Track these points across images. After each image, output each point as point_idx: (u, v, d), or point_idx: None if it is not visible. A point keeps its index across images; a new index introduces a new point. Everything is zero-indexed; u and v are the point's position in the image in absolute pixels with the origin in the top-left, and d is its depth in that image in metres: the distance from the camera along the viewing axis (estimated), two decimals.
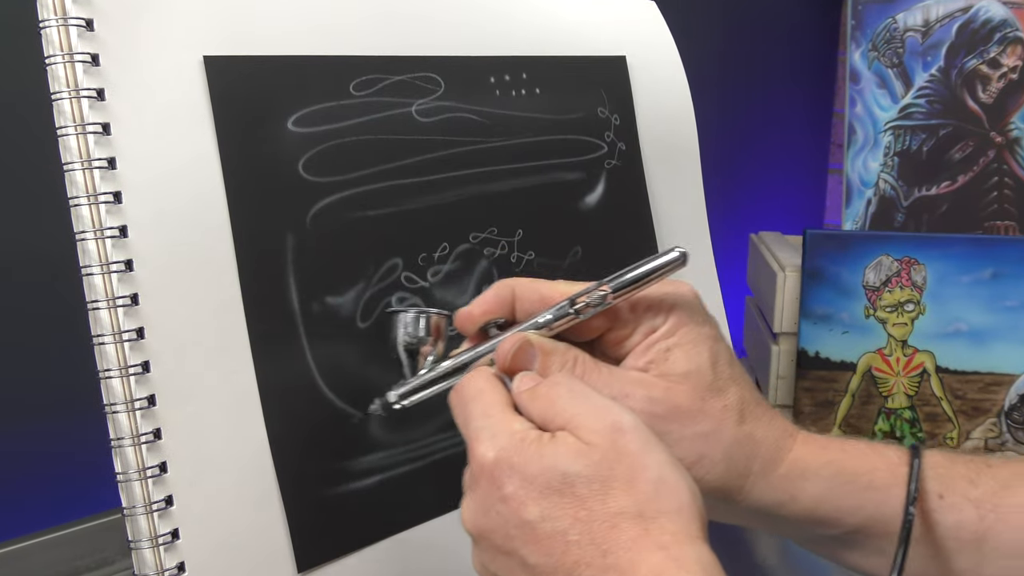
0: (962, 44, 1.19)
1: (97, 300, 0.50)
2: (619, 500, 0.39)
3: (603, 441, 0.40)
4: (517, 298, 0.50)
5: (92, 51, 0.51)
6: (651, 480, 0.39)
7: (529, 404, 0.44)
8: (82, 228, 0.50)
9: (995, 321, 0.90)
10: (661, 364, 0.48)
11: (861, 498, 0.49)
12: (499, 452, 0.41)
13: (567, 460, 0.40)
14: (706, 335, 0.49)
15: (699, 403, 0.48)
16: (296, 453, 0.55)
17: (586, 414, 0.42)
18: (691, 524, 0.39)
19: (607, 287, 0.47)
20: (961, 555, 0.49)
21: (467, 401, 0.45)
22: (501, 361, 0.48)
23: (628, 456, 0.40)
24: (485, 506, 0.42)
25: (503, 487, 0.41)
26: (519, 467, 0.41)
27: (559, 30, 0.74)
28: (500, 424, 0.43)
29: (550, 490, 0.40)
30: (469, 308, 0.50)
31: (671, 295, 0.49)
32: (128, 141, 0.51)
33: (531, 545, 0.40)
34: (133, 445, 0.50)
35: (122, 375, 0.50)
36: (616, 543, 0.38)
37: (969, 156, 1.18)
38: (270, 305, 0.55)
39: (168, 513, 0.51)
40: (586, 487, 0.39)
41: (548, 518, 0.39)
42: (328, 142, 0.58)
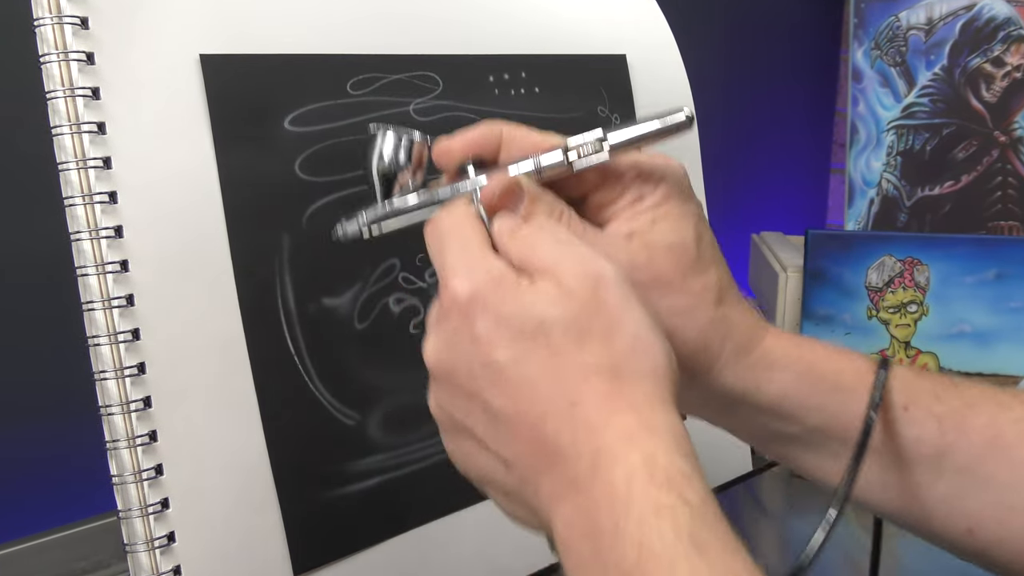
0: (965, 42, 1.19)
1: (92, 301, 0.50)
2: (594, 352, 0.38)
3: (583, 290, 0.39)
4: (505, 140, 0.48)
5: (87, 49, 0.51)
6: (628, 336, 0.38)
7: (510, 245, 0.42)
8: (77, 228, 0.50)
9: (999, 322, 0.90)
10: (646, 234, 0.47)
11: (825, 398, 0.49)
12: (474, 289, 0.40)
13: (544, 305, 0.38)
14: (692, 212, 0.48)
15: (680, 277, 0.47)
16: (293, 455, 0.55)
17: (568, 261, 0.40)
18: (664, 388, 0.38)
19: (603, 140, 0.46)
20: (918, 468, 0.48)
21: (443, 233, 0.43)
22: (487, 198, 0.45)
23: (608, 308, 0.39)
24: (452, 342, 0.40)
25: (475, 325, 0.39)
26: (494, 307, 0.39)
27: (558, 28, 0.74)
28: (478, 261, 0.41)
29: (523, 334, 0.38)
30: (451, 141, 0.48)
31: (662, 167, 0.48)
32: (123, 140, 0.51)
33: (496, 388, 0.38)
34: (129, 447, 0.50)
35: (117, 377, 0.50)
36: (586, 396, 0.37)
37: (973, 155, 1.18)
38: (266, 306, 0.55)
39: (164, 516, 0.51)
40: (562, 335, 0.38)
41: (519, 361, 0.38)
42: (325, 141, 0.59)
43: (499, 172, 0.46)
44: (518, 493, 0.39)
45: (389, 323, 0.60)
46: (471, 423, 0.40)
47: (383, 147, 0.48)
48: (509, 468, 0.39)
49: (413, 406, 0.60)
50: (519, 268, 0.41)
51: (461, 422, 0.41)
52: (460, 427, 0.41)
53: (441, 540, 0.61)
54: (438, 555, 0.61)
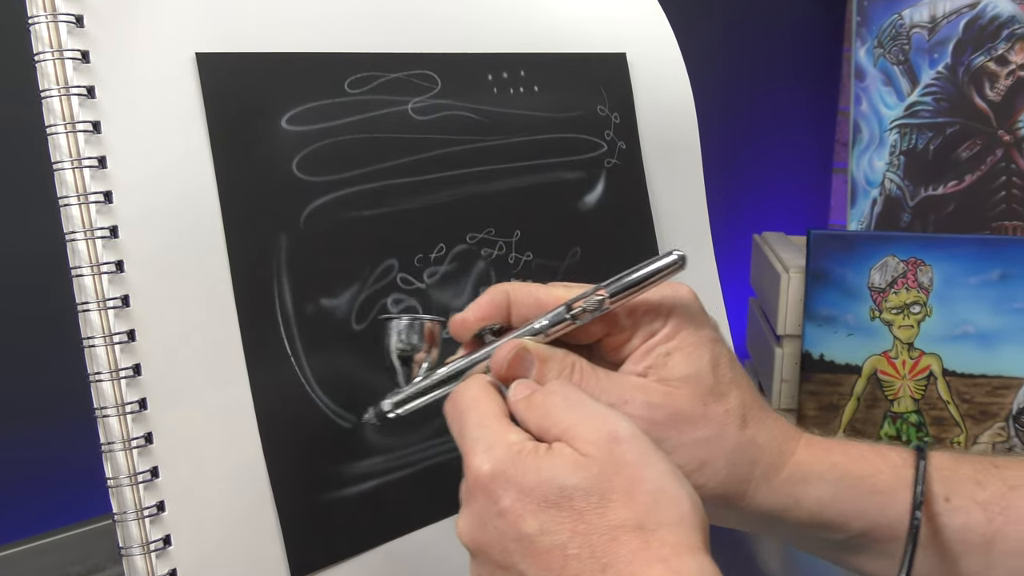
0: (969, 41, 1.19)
1: (87, 302, 0.50)
2: (618, 513, 0.39)
3: (600, 452, 0.40)
4: (512, 303, 0.50)
5: (82, 48, 0.51)
6: (650, 491, 0.39)
7: (525, 414, 0.44)
8: (72, 228, 0.50)
9: (1003, 323, 0.90)
10: (660, 369, 0.48)
11: (865, 502, 0.50)
12: (495, 464, 0.41)
13: (564, 473, 0.40)
14: (706, 338, 0.49)
15: (700, 408, 0.48)
16: (290, 458, 0.55)
17: (583, 424, 0.41)
18: (692, 535, 0.39)
19: (604, 292, 0.47)
20: (969, 558, 0.49)
21: (462, 411, 0.45)
22: (497, 368, 0.47)
23: (626, 467, 0.40)
24: (482, 520, 0.42)
25: (500, 500, 0.41)
26: (516, 480, 0.40)
27: (558, 27, 0.74)
28: (496, 435, 0.43)
29: (547, 503, 0.40)
30: (464, 314, 0.50)
31: (669, 298, 0.49)
32: (119, 140, 0.51)
33: (530, 559, 0.40)
34: (124, 449, 0.50)
35: (113, 378, 0.50)
36: (616, 556, 0.38)
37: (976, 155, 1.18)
38: (263, 307, 0.55)
39: (160, 519, 0.51)
40: (584, 500, 0.39)
41: (546, 532, 0.39)
42: (322, 141, 0.59)
43: (506, 341, 0.48)
44: None
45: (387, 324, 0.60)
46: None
47: (398, 333, 0.52)
48: None
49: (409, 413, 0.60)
50: (537, 435, 0.43)
51: None
52: None
53: (441, 543, 0.61)
54: (437, 558, 0.61)
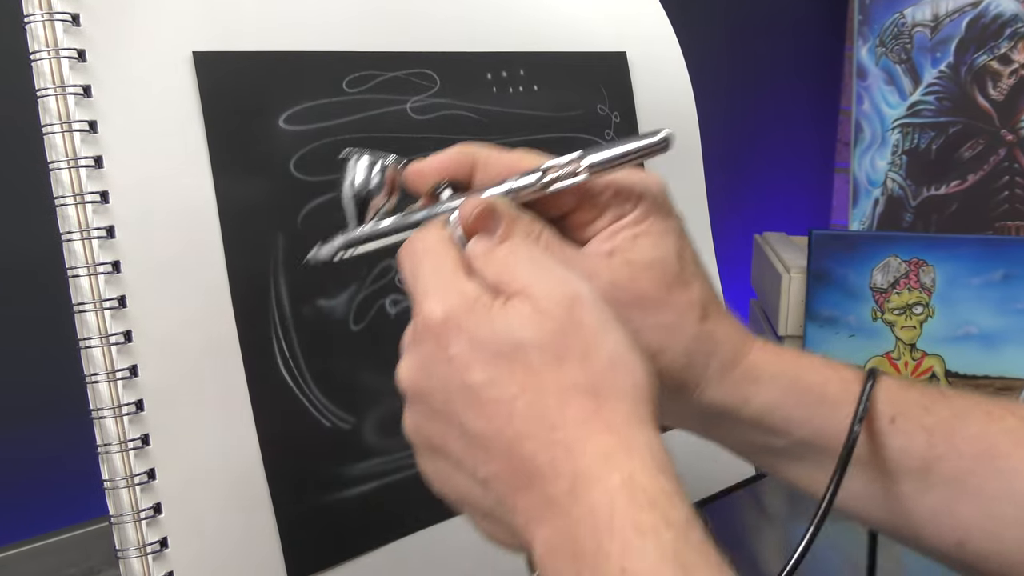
0: (972, 40, 1.19)
1: (83, 302, 0.50)
2: (572, 373, 0.38)
3: (560, 311, 0.39)
4: (478, 164, 0.48)
5: (78, 47, 0.51)
6: (607, 357, 0.39)
7: (484, 267, 0.43)
8: (68, 228, 0.50)
9: (1006, 324, 0.90)
10: (627, 251, 0.48)
11: (811, 410, 0.50)
12: (448, 311, 0.40)
13: (520, 327, 0.39)
14: (673, 227, 0.49)
15: (664, 293, 0.47)
16: (288, 459, 0.55)
17: (544, 282, 0.40)
18: (643, 406, 0.38)
19: (580, 162, 0.46)
20: (905, 479, 0.49)
21: (417, 256, 0.44)
22: (463, 220, 0.45)
23: (585, 329, 0.39)
24: (427, 365, 0.40)
25: (449, 347, 0.39)
26: (468, 329, 0.39)
27: (557, 25, 0.74)
28: (451, 283, 0.41)
29: (500, 356, 0.38)
30: (422, 163, 0.48)
31: (641, 183, 0.48)
32: (115, 139, 0.52)
33: (473, 410, 0.39)
34: (121, 451, 0.50)
35: (109, 379, 0.50)
36: (564, 419, 0.37)
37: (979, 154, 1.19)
38: (260, 307, 0.55)
39: (157, 521, 0.51)
40: (539, 356, 0.38)
41: (495, 383, 0.38)
42: (320, 140, 0.59)
43: (474, 194, 0.47)
44: (496, 514, 0.40)
45: (385, 325, 0.60)
46: (448, 445, 0.40)
47: (356, 171, 0.48)
48: (486, 489, 0.39)
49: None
50: (494, 290, 0.41)
51: (438, 444, 0.41)
52: (436, 449, 0.41)
53: (439, 545, 0.61)
54: (436, 560, 0.61)
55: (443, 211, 0.47)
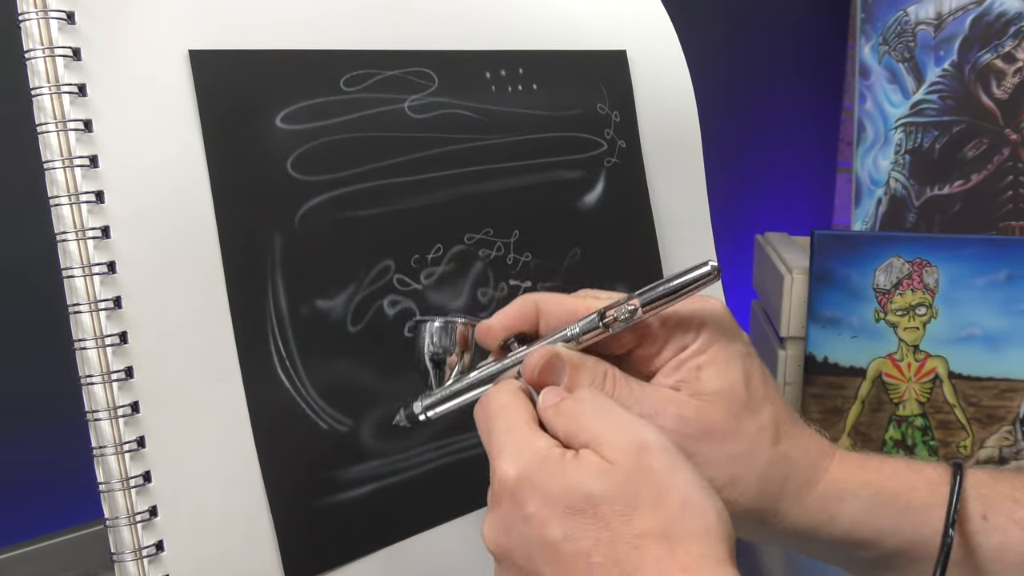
0: (976, 38, 1.19)
1: (78, 303, 0.50)
2: (644, 521, 0.39)
3: (627, 460, 0.40)
4: (541, 313, 0.51)
5: (73, 45, 0.51)
6: (677, 501, 0.40)
7: (554, 420, 0.44)
8: (63, 228, 0.51)
9: (1010, 325, 0.90)
10: (693, 383, 0.49)
11: (900, 519, 0.50)
12: (521, 470, 0.42)
13: (590, 479, 0.40)
14: (738, 352, 0.50)
15: (733, 423, 0.48)
16: (285, 462, 0.56)
17: (611, 431, 0.42)
18: (718, 547, 0.39)
19: (637, 301, 0.48)
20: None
21: (491, 415, 0.46)
22: (528, 374, 0.48)
23: (653, 476, 0.40)
24: (507, 525, 0.42)
25: (525, 506, 0.41)
26: (541, 486, 0.41)
27: (557, 23, 0.74)
28: (523, 440, 0.43)
29: (573, 510, 0.40)
30: (490, 322, 0.51)
31: (701, 311, 0.49)
32: (111, 138, 0.52)
33: (554, 566, 0.40)
34: (116, 454, 0.50)
35: (104, 381, 0.50)
36: (640, 565, 0.39)
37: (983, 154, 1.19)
38: (257, 308, 0.55)
39: (152, 524, 0.51)
40: (609, 507, 0.40)
41: (571, 538, 0.40)
42: (318, 139, 0.59)
43: (538, 347, 0.49)
44: None
45: (383, 326, 0.60)
46: None
47: (431, 336, 0.53)
48: None
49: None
50: (565, 442, 0.43)
51: None
52: None
53: (438, 549, 0.61)
54: (435, 564, 0.61)
55: (512, 364, 0.50)
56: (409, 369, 0.61)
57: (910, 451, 0.92)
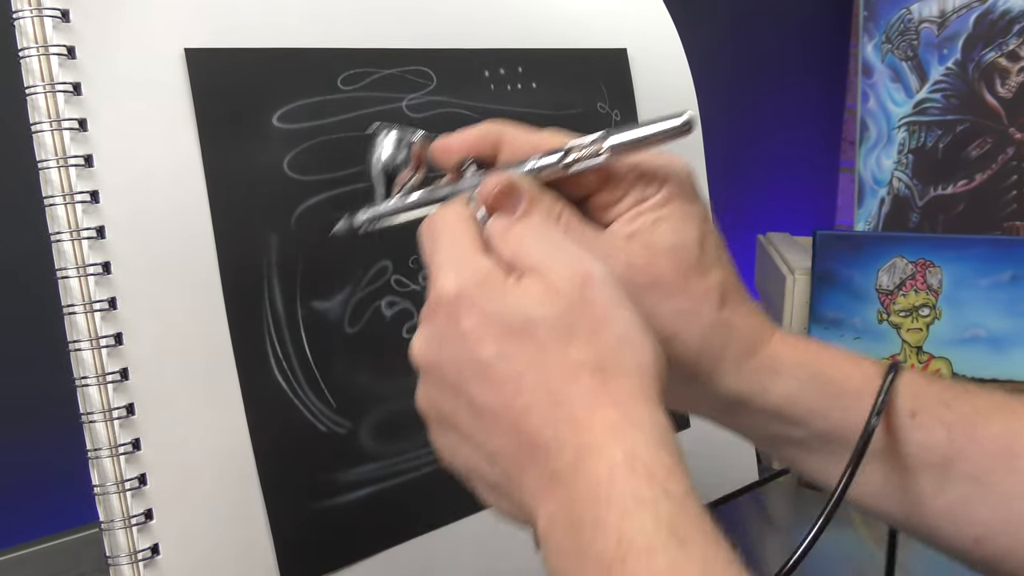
0: (980, 36, 1.19)
1: (73, 304, 0.50)
2: (580, 351, 0.39)
3: (570, 289, 0.40)
4: (504, 142, 0.50)
5: (68, 43, 0.51)
6: (615, 335, 0.40)
7: (500, 243, 0.44)
8: (57, 229, 0.51)
9: (1014, 326, 0.90)
10: (646, 234, 0.48)
11: (830, 403, 0.50)
12: (461, 286, 0.41)
13: (531, 303, 0.40)
14: (696, 213, 0.50)
15: (681, 279, 0.48)
16: (282, 465, 0.56)
17: (556, 260, 0.42)
18: (650, 385, 0.40)
19: (603, 143, 0.47)
20: (923, 475, 0.49)
21: (437, 232, 0.45)
22: (484, 197, 0.46)
23: (594, 307, 0.40)
24: (440, 339, 0.42)
25: (461, 322, 0.41)
26: (480, 304, 0.41)
27: (556, 21, 0.74)
28: (466, 258, 0.43)
29: (510, 331, 0.40)
30: (448, 139, 0.50)
31: (666, 167, 0.49)
32: (106, 137, 0.52)
33: (482, 384, 0.40)
34: (111, 456, 0.51)
35: (99, 383, 0.50)
36: (571, 394, 0.39)
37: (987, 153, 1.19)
38: (254, 309, 0.55)
39: (148, 528, 0.51)
40: (547, 332, 0.40)
41: (504, 358, 0.40)
42: (315, 139, 0.59)
43: (498, 172, 0.48)
44: (503, 487, 0.41)
45: (381, 327, 0.61)
46: (457, 418, 0.42)
47: (384, 145, 0.50)
48: (493, 462, 0.41)
49: (406, 413, 0.60)
50: (509, 267, 0.42)
51: (448, 417, 0.42)
52: (447, 422, 0.43)
53: (437, 552, 0.61)
54: (434, 568, 0.61)
55: (466, 188, 0.48)
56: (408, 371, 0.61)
57: None
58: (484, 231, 0.45)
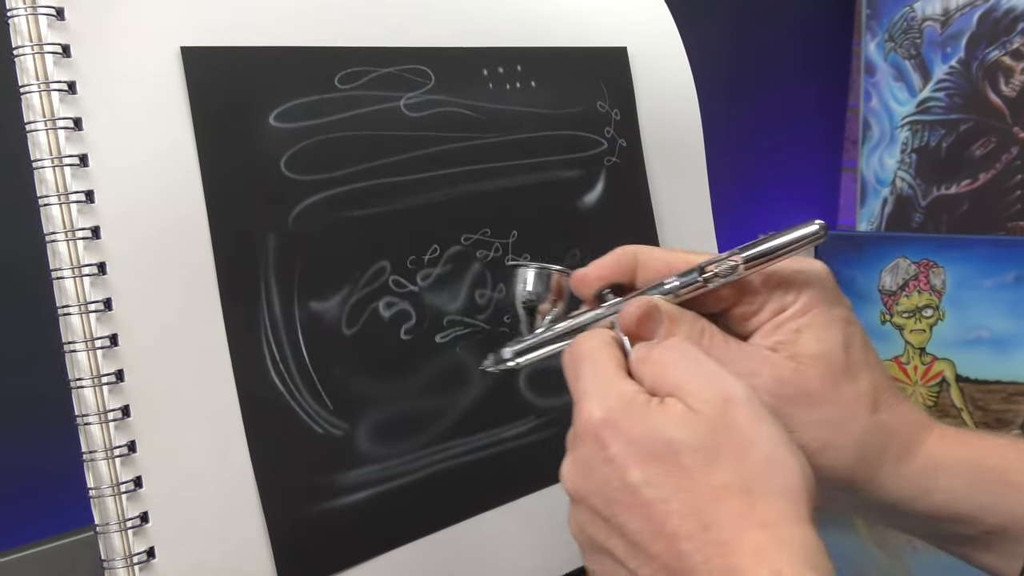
0: (984, 34, 1.20)
1: (68, 305, 0.51)
2: (725, 473, 0.40)
3: (712, 411, 0.41)
4: (640, 265, 0.51)
5: (63, 42, 0.51)
6: (760, 456, 0.40)
7: (641, 368, 0.45)
8: (52, 229, 0.51)
9: (1018, 327, 0.90)
10: (791, 345, 0.49)
11: (998, 496, 0.49)
12: (606, 412, 0.42)
13: (672, 426, 0.41)
14: (839, 316, 0.50)
15: (830, 388, 0.48)
16: (279, 467, 0.56)
17: (697, 381, 0.42)
18: (799, 506, 0.40)
19: (738, 257, 0.48)
20: None
21: (579, 358, 0.46)
22: (626, 324, 0.48)
23: (737, 429, 0.41)
24: (587, 466, 0.43)
25: (607, 448, 0.42)
26: (624, 429, 0.41)
27: (556, 19, 0.74)
28: (609, 383, 0.44)
29: (654, 455, 0.40)
30: (586, 270, 0.51)
31: (804, 272, 0.50)
32: (101, 137, 0.52)
33: (632, 510, 0.41)
34: (106, 458, 0.51)
35: (95, 384, 0.51)
36: (718, 517, 0.39)
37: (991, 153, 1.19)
38: (251, 310, 0.56)
39: (143, 531, 0.51)
40: (690, 456, 0.40)
41: (650, 484, 0.40)
42: (312, 138, 0.59)
43: (636, 297, 0.49)
44: None
45: (379, 328, 0.61)
46: (610, 545, 0.42)
47: (525, 281, 0.53)
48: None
49: (404, 416, 0.61)
50: (651, 390, 0.43)
51: (600, 544, 0.43)
52: (600, 548, 0.43)
53: (435, 555, 0.61)
54: (433, 572, 0.61)
55: (606, 314, 0.50)
56: (406, 373, 0.61)
57: None
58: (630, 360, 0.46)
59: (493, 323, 0.66)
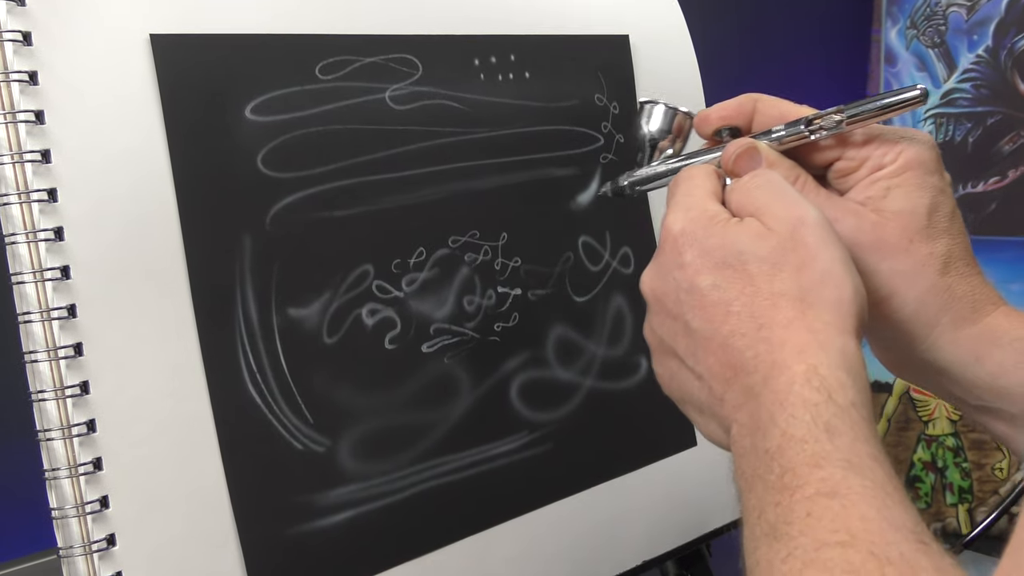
0: (1012, 21, 1.20)
1: (29, 312, 0.51)
2: (784, 282, 0.48)
3: (784, 229, 0.49)
4: (757, 111, 0.58)
5: (23, 28, 0.52)
6: (819, 271, 0.48)
7: (731, 195, 0.52)
8: (12, 230, 0.51)
9: None
10: (879, 200, 0.55)
11: None
12: (687, 224, 0.51)
13: (746, 240, 0.49)
14: (932, 184, 0.55)
15: (905, 242, 0.54)
16: (255, 486, 0.56)
17: (775, 204, 0.50)
18: (845, 319, 0.47)
19: (842, 114, 0.55)
20: None
21: (678, 181, 0.54)
22: (725, 160, 0.55)
23: (804, 246, 0.48)
24: (664, 271, 0.51)
25: (683, 254, 0.50)
26: (700, 239, 0.50)
27: (552, 5, 0.75)
28: (695, 203, 0.52)
29: (724, 264, 0.49)
30: (708, 111, 0.59)
31: (907, 137, 0.55)
32: (64, 131, 0.52)
33: (697, 310, 0.49)
34: (70, 477, 0.51)
35: (58, 397, 0.51)
36: (772, 319, 0.47)
37: (1020, 148, 1.20)
38: (225, 317, 0.56)
39: (110, 554, 0.52)
40: (757, 265, 0.48)
41: (718, 287, 0.49)
42: (291, 133, 0.60)
43: (741, 139, 0.56)
44: (709, 407, 0.50)
45: (362, 337, 0.61)
46: (675, 342, 0.51)
47: (652, 118, 0.61)
48: (702, 382, 0.50)
49: (389, 431, 0.61)
50: (735, 213, 0.51)
51: (668, 342, 0.52)
52: (667, 348, 0.52)
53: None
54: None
55: (714, 154, 0.57)
56: (391, 385, 0.61)
57: (941, 473, 0.93)
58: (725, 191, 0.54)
59: (482, 331, 0.66)
